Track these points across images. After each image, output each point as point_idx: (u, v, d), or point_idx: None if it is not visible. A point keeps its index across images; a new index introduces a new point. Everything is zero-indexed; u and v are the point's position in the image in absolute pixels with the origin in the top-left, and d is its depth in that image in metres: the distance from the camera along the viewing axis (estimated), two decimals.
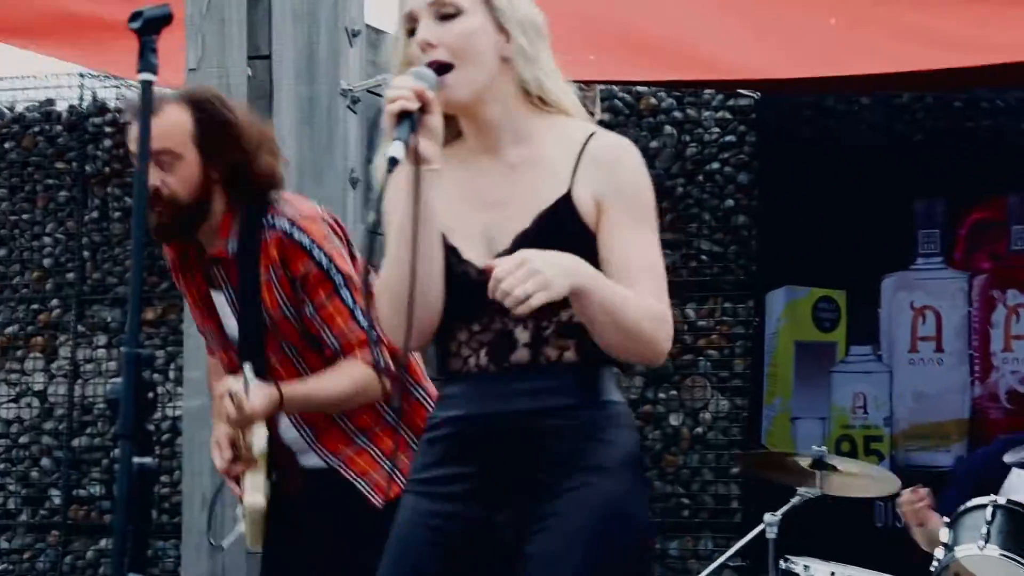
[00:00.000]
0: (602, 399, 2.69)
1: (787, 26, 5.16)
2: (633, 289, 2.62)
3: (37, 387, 6.92)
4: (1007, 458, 4.52)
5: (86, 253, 6.92)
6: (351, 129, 5.60)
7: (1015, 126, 6.33)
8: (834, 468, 5.04)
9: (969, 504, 4.50)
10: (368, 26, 5.82)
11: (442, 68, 2.62)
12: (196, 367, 5.54)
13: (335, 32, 5.56)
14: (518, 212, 2.68)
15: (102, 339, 6.88)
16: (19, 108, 7.13)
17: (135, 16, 2.40)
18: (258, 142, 3.52)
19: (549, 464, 2.64)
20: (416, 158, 2.54)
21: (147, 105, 2.43)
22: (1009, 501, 4.47)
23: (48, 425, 6.90)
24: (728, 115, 6.70)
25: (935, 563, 4.49)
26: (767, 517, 5.01)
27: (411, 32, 2.66)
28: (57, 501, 6.85)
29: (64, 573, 6.80)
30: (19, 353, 6.94)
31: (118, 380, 2.27)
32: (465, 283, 2.65)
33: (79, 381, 6.89)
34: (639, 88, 6.78)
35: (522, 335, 2.66)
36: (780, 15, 5.17)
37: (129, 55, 2.53)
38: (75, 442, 6.85)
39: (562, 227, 2.65)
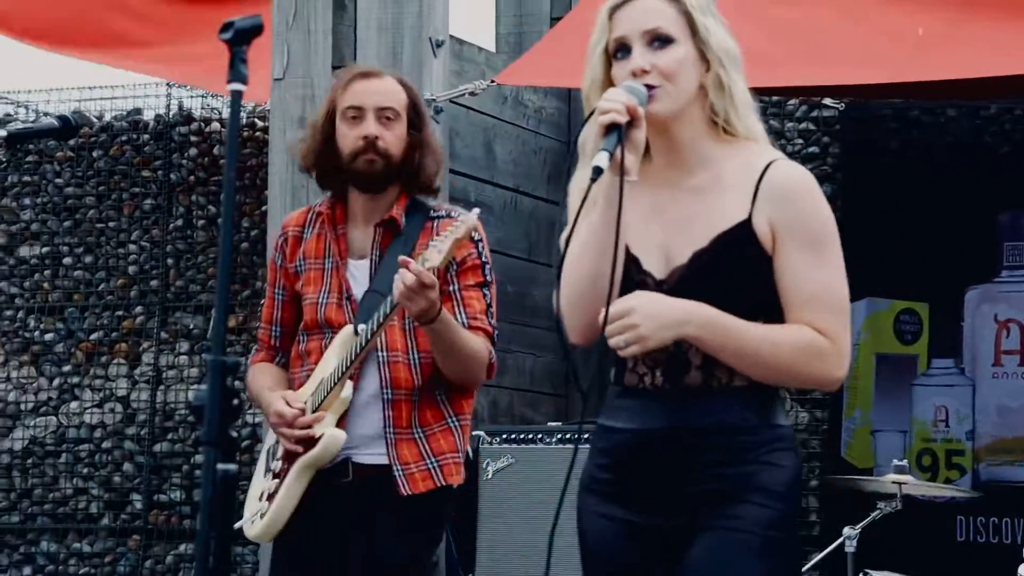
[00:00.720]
0: (771, 423, 2.81)
1: (874, 35, 5.13)
2: (801, 318, 2.76)
3: (120, 393, 7.00)
4: None
5: (170, 261, 7.00)
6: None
7: None
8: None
9: None
10: (452, 37, 5.84)
11: (653, 90, 2.78)
12: None
13: (419, 42, 5.59)
14: (698, 232, 2.81)
15: (184, 346, 6.95)
16: (107, 117, 7.22)
17: (226, 27, 2.43)
18: (434, 146, 3.86)
19: (718, 480, 2.77)
20: (619, 169, 2.69)
21: (236, 115, 2.46)
22: None
23: (130, 431, 6.98)
24: (811, 126, 6.66)
25: None
26: (846, 530, 4.99)
27: (615, 53, 2.83)
28: (138, 506, 6.92)
29: None
30: (103, 359, 7.02)
31: (202, 387, 2.29)
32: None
33: (161, 387, 6.96)
34: None
35: (695, 357, 2.79)
36: (867, 25, 5.14)
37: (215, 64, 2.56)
38: (156, 448, 6.92)
39: (739, 250, 2.78)
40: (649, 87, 2.77)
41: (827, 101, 6.52)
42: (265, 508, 3.77)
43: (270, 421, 3.84)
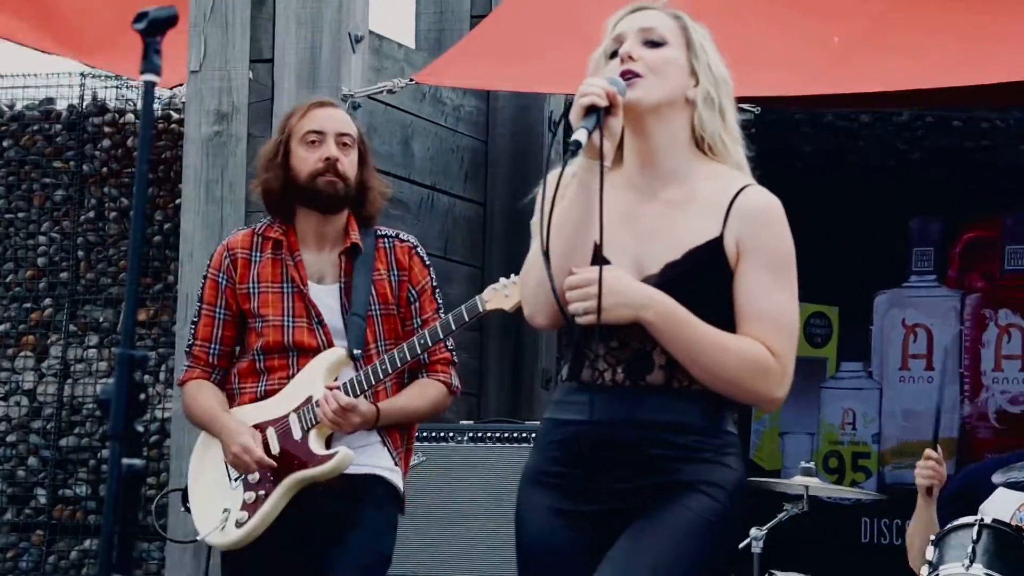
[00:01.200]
0: (724, 428, 2.90)
1: (789, 43, 5.17)
2: (750, 332, 2.84)
3: (27, 386, 6.91)
4: (995, 478, 4.52)
5: (80, 253, 6.92)
6: None
7: (1012, 146, 6.35)
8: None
9: (955, 523, 4.50)
10: (371, 32, 5.83)
11: (634, 78, 2.87)
12: None
13: (338, 37, 5.57)
14: (670, 244, 2.89)
15: (93, 339, 6.88)
16: (19, 106, 7.13)
17: (140, 17, 2.40)
18: (377, 183, 4.04)
19: (671, 474, 2.84)
20: (597, 153, 2.79)
21: (149, 106, 2.44)
22: (995, 521, 4.48)
23: (36, 424, 6.89)
24: None
25: None
26: (753, 531, 5.02)
27: (611, 53, 2.92)
28: (43, 501, 6.84)
29: (47, 573, 6.79)
30: (10, 351, 6.93)
31: (110, 381, 2.27)
32: None
33: (69, 381, 6.88)
34: None
35: (659, 358, 2.86)
36: (783, 32, 5.19)
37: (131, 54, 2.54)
38: (63, 442, 6.84)
39: (709, 266, 2.87)
40: (632, 74, 2.86)
41: (743, 105, 6.57)
42: (244, 517, 3.89)
43: (231, 450, 3.92)
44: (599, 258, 2.84)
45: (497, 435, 5.20)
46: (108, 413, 2.26)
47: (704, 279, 2.87)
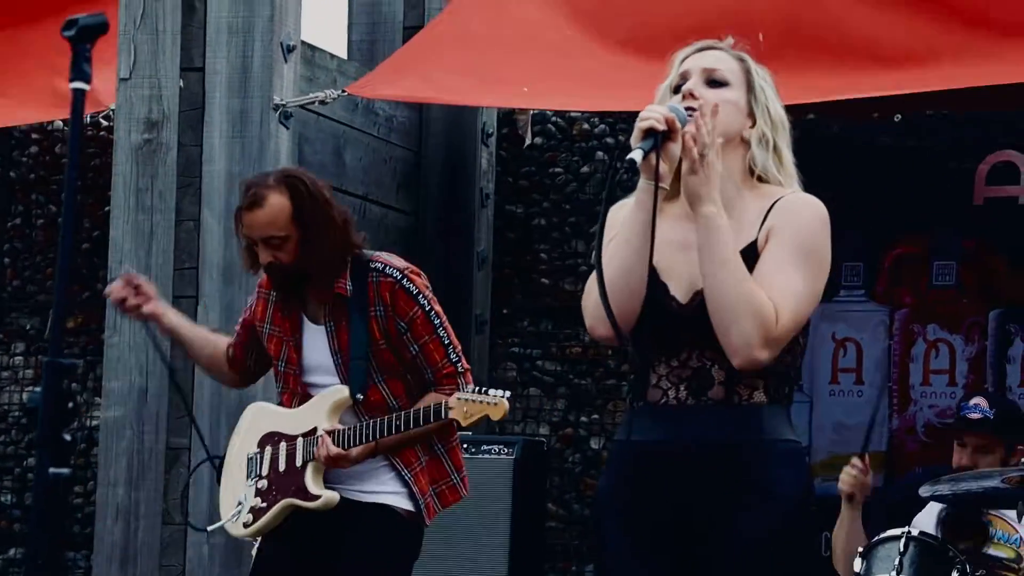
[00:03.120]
0: (785, 437, 3.01)
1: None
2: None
3: None
4: (922, 491, 4.57)
5: (7, 260, 6.85)
6: (282, 144, 5.59)
7: (941, 162, 6.41)
8: None
9: (882, 535, 4.54)
10: (303, 42, 5.81)
11: (692, 112, 3.00)
12: (115, 377, 5.50)
13: (270, 47, 5.54)
14: None
15: (20, 347, 6.81)
16: None
17: (69, 24, 2.39)
18: (343, 216, 4.14)
19: (735, 491, 2.95)
20: (651, 173, 2.93)
21: (79, 114, 2.42)
22: (922, 533, 4.52)
23: None
24: None
25: None
26: None
27: (676, 88, 3.07)
28: None
29: None
30: None
31: (37, 389, 2.25)
32: (669, 318, 2.99)
33: None
34: (572, 113, 6.81)
35: (718, 374, 2.98)
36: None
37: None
38: None
39: (748, 268, 2.96)
40: (691, 110, 2.98)
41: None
42: (250, 519, 4.17)
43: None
44: (656, 281, 2.97)
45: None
46: (35, 421, 2.23)
47: None
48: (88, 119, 6.68)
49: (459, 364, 4.16)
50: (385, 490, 4.10)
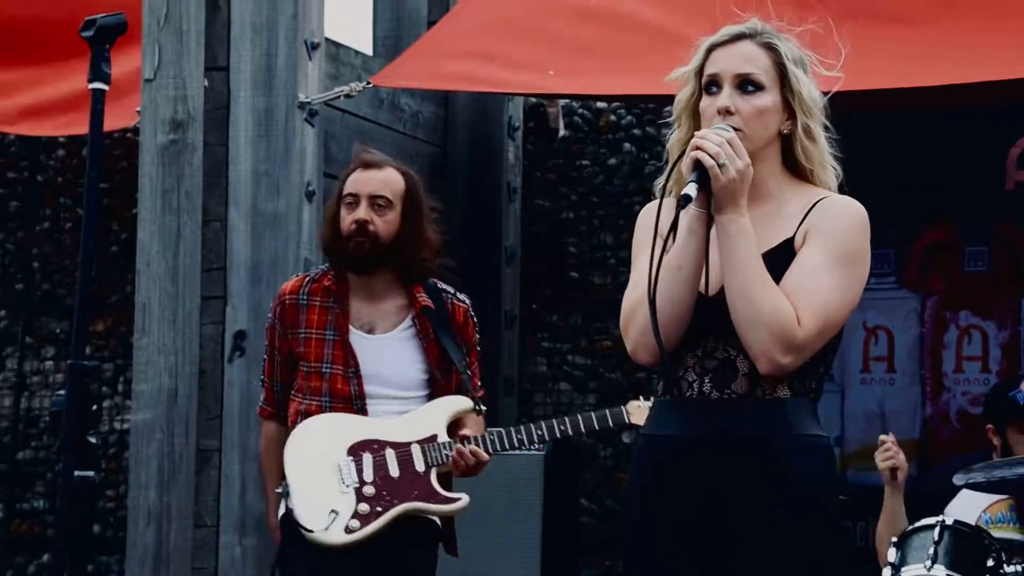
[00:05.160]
0: (811, 432, 2.99)
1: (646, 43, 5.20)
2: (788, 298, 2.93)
3: None
4: (956, 479, 4.53)
5: (36, 264, 6.86)
6: (308, 142, 5.57)
7: (971, 146, 6.35)
8: None
9: (917, 524, 4.51)
10: (327, 39, 5.79)
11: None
12: (145, 380, 5.49)
13: (294, 44, 5.53)
14: None
15: (50, 351, 6.82)
16: None
17: (88, 24, 2.38)
18: (438, 234, 4.31)
19: (758, 485, 2.94)
20: (703, 203, 2.95)
21: (98, 115, 2.41)
22: (956, 521, 4.48)
23: None
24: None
25: None
26: None
27: (707, 87, 3.05)
28: (0, 515, 6.77)
29: None
30: None
31: (61, 392, 2.24)
32: (696, 308, 2.98)
33: (25, 393, 6.82)
34: (599, 105, 6.78)
35: (742, 365, 2.97)
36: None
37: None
38: (19, 455, 6.77)
39: (780, 266, 2.97)
40: (731, 127, 2.99)
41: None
42: (356, 525, 4.14)
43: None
44: (706, 300, 2.96)
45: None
46: (60, 424, 2.22)
47: (777, 278, 2.95)
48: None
49: (480, 388, 4.38)
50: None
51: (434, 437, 4.19)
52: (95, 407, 2.27)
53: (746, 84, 3.03)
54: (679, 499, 2.99)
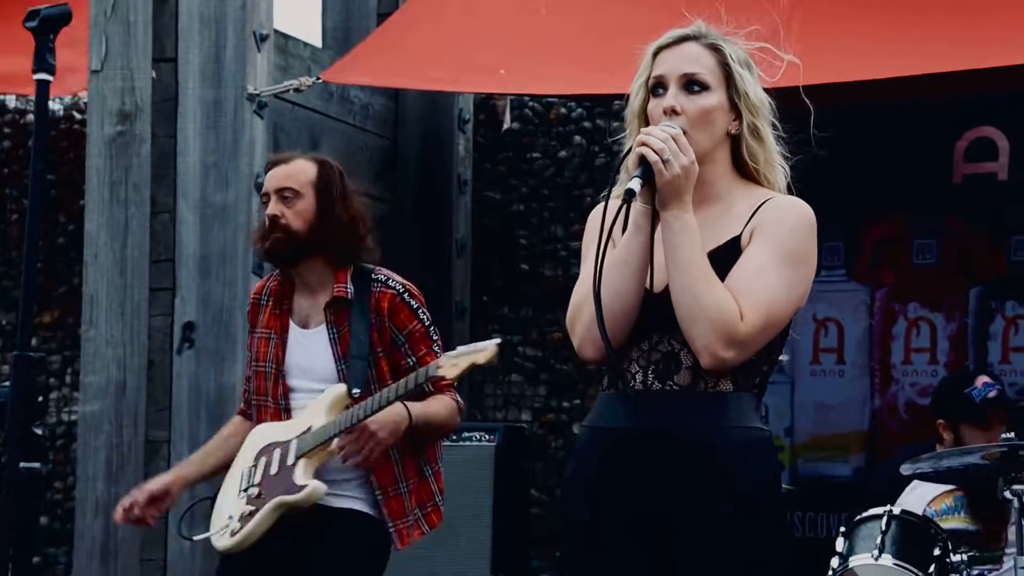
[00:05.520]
0: (753, 425, 3.00)
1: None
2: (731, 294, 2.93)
3: None
4: (903, 468, 4.57)
5: None
6: (257, 134, 5.56)
7: (918, 140, 6.40)
8: None
9: (864, 514, 4.54)
10: (276, 31, 5.77)
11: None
12: (93, 372, 5.46)
13: (242, 36, 5.51)
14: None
15: None
16: None
17: (31, 15, 2.36)
18: (361, 216, 4.18)
19: (699, 477, 2.94)
20: (648, 198, 2.95)
21: (43, 106, 2.39)
22: (903, 511, 4.52)
23: None
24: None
25: (830, 573, 4.53)
26: None
27: (653, 89, 3.07)
28: None
29: None
30: None
31: (6, 384, 2.22)
32: (643, 305, 2.98)
33: None
34: (549, 98, 6.79)
35: (686, 358, 2.97)
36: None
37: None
38: None
39: (726, 264, 2.98)
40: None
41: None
42: (238, 527, 4.11)
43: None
44: (651, 296, 2.96)
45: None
46: (4, 416, 2.21)
47: (722, 276, 2.95)
48: (62, 112, 6.64)
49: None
50: (360, 496, 4.12)
51: (308, 429, 4.10)
52: (41, 399, 2.26)
53: (691, 84, 3.04)
54: (624, 491, 2.99)
